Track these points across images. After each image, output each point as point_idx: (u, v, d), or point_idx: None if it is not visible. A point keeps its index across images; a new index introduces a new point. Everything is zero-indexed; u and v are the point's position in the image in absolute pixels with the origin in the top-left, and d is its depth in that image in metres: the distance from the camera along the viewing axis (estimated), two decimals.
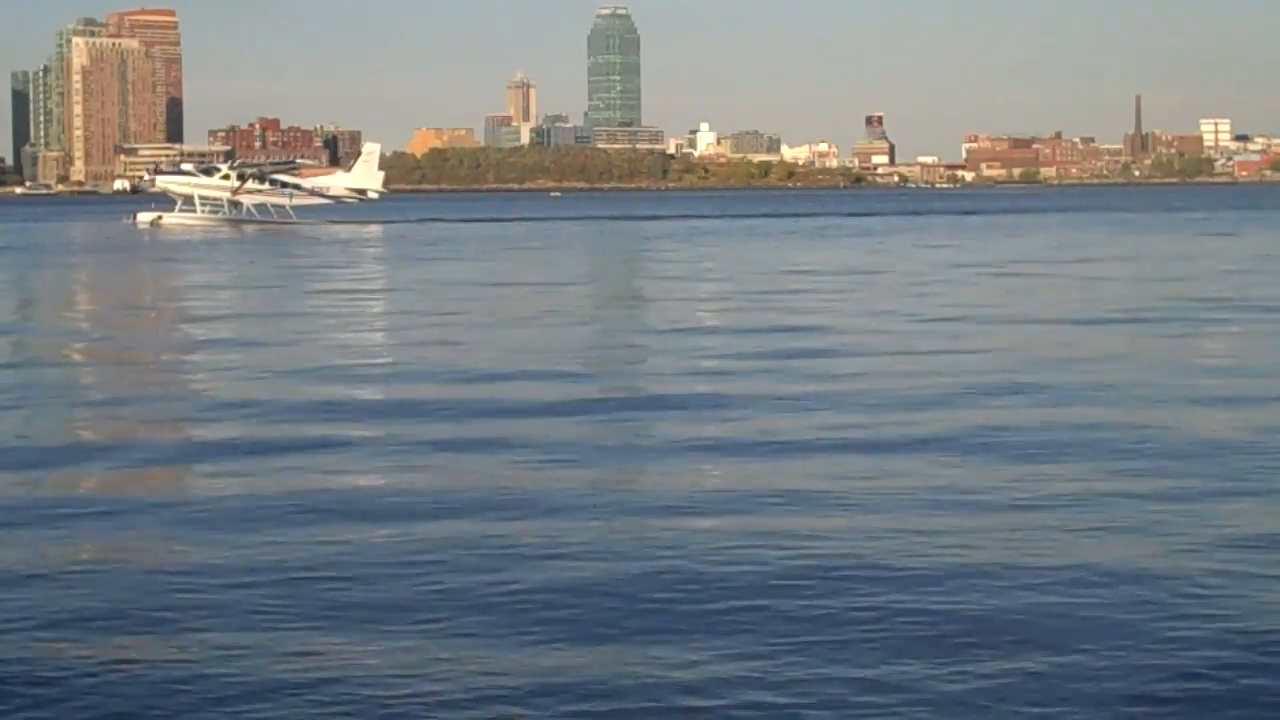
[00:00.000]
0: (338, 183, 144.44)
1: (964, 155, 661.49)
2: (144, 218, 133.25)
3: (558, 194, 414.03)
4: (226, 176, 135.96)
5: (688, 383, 28.37)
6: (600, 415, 24.37)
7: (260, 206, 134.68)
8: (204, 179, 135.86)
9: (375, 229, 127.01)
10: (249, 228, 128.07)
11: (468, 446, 21.48)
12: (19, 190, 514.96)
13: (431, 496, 18.02)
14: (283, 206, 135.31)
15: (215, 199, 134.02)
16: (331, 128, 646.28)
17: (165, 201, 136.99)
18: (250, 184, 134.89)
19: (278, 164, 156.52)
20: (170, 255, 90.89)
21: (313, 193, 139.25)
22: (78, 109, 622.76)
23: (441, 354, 33.87)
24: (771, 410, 24.74)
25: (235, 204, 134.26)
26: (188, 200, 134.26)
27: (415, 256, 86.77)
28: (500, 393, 27.03)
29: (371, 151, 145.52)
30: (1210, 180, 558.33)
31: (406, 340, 37.67)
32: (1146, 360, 32.15)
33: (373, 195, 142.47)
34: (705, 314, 45.48)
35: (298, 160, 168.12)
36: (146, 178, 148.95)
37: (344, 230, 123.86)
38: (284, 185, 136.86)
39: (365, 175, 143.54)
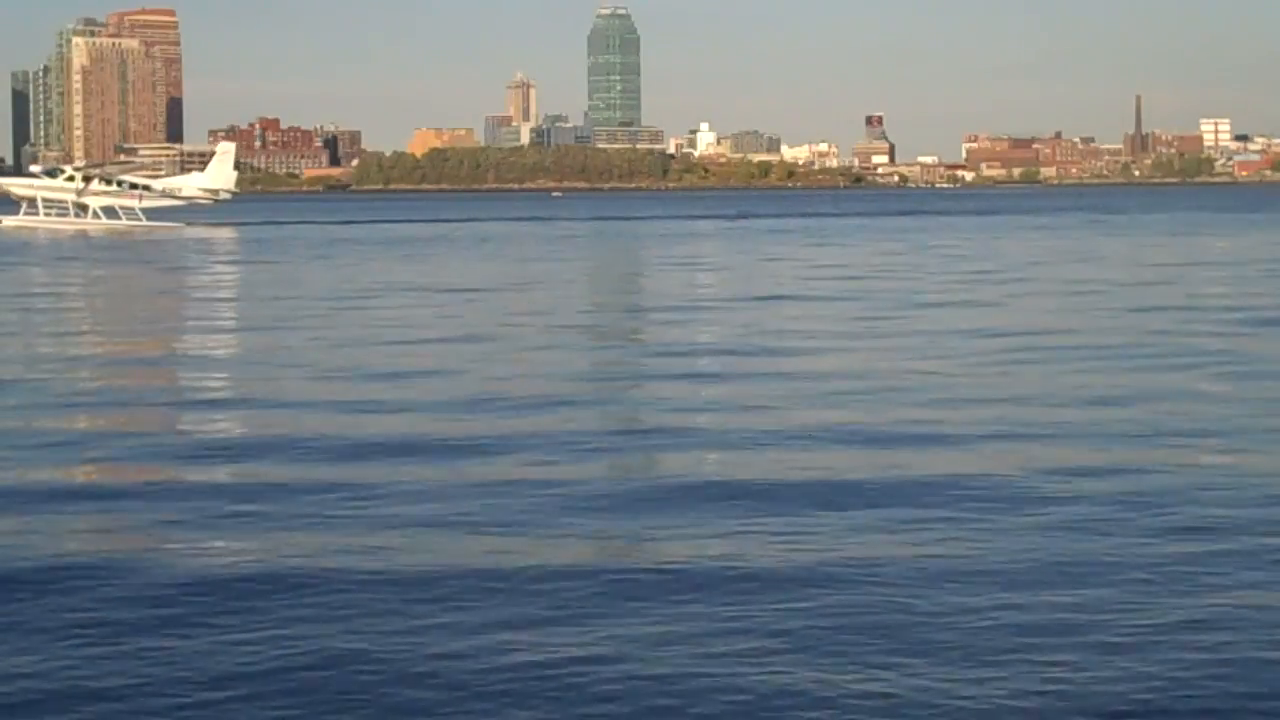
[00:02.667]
0: (190, 183, 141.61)
1: (964, 155, 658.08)
2: None
3: (559, 193, 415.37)
4: (71, 178, 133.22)
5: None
6: None
7: (108, 209, 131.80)
8: (47, 180, 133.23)
9: (228, 232, 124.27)
10: (94, 231, 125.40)
11: None
12: None
13: None
14: (132, 209, 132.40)
15: (60, 201, 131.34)
16: (331, 128, 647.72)
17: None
18: (96, 185, 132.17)
19: (122, 164, 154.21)
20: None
21: (164, 194, 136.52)
22: (78, 109, 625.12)
23: None
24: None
25: (81, 206, 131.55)
26: (31, 203, 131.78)
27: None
28: None
29: (226, 151, 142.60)
30: (1210, 180, 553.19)
31: None
32: None
33: (225, 196, 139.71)
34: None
35: (137, 159, 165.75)
36: None
37: (197, 233, 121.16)
38: (133, 186, 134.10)
39: (218, 175, 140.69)
